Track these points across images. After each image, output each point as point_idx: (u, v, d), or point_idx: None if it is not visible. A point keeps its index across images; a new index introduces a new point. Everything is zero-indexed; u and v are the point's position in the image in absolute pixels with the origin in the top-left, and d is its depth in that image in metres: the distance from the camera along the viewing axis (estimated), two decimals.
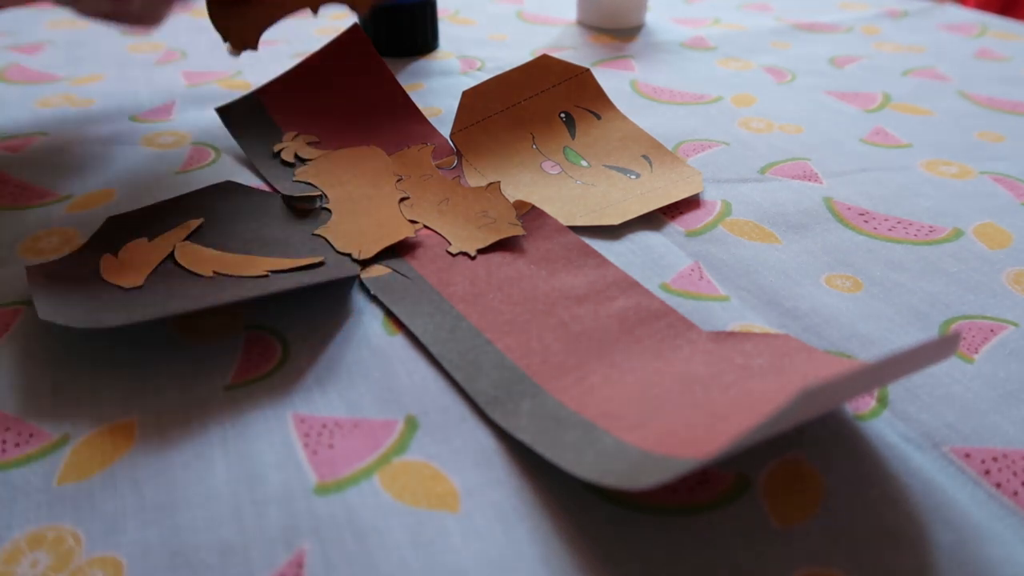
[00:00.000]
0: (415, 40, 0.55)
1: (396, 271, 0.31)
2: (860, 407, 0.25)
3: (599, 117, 0.42)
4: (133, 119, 0.45)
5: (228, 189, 0.35)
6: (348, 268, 0.31)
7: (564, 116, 0.42)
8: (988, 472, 0.23)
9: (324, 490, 0.22)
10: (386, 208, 0.35)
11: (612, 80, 0.51)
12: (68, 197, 0.37)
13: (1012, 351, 0.28)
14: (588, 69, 0.43)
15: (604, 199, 0.36)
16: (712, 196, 0.37)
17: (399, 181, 0.37)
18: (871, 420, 0.25)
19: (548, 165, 0.39)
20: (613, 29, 0.62)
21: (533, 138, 0.40)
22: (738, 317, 0.29)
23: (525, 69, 0.42)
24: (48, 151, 0.41)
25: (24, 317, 0.29)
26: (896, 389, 0.26)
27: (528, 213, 0.34)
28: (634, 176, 0.38)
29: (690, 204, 0.36)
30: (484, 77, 0.52)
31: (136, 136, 0.43)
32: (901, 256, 0.33)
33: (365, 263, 0.32)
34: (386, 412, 0.25)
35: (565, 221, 0.34)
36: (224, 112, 0.42)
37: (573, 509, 0.22)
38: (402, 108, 0.43)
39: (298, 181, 0.37)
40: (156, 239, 0.32)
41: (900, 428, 0.24)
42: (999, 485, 0.23)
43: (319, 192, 0.36)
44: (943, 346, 0.20)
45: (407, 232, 0.33)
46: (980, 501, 0.22)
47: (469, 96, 0.40)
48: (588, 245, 0.32)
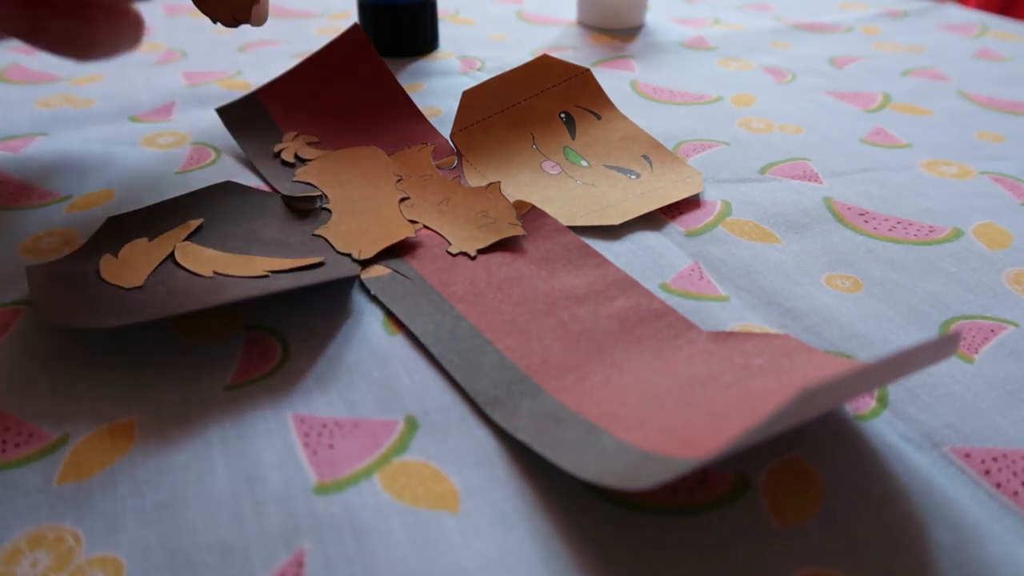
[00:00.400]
0: (415, 40, 0.55)
1: (396, 271, 0.31)
2: (860, 407, 0.25)
3: (599, 117, 0.42)
4: (133, 119, 0.45)
5: (228, 189, 0.35)
6: (348, 268, 0.31)
7: (564, 116, 0.42)
8: (988, 472, 0.23)
9: (324, 490, 0.22)
10: (386, 208, 0.35)
11: (612, 80, 0.51)
12: (68, 197, 0.37)
13: (1012, 351, 0.28)
14: (588, 69, 0.43)
15: (604, 199, 0.36)
16: (712, 196, 0.37)
17: (399, 181, 0.37)
18: (871, 420, 0.25)
19: (548, 165, 0.39)
20: (613, 29, 0.62)
21: (533, 138, 0.40)
22: (738, 317, 0.29)
23: (525, 69, 0.42)
24: (48, 151, 0.41)
25: (24, 317, 0.29)
26: (896, 389, 0.26)
27: (528, 213, 0.34)
28: (634, 176, 0.38)
29: (690, 204, 0.36)
30: (484, 77, 0.52)
31: (136, 136, 0.43)
32: (901, 256, 0.33)
33: (365, 263, 0.32)
34: (386, 412, 0.25)
35: (565, 221, 0.34)
36: (224, 112, 0.42)
37: (573, 509, 0.22)
38: (402, 108, 0.43)
39: (298, 181, 0.37)
40: (156, 239, 0.32)
41: (900, 428, 0.24)
42: (999, 485, 0.23)
43: (319, 192, 0.36)
44: (943, 346, 0.20)
45: (407, 232, 0.33)
46: (980, 501, 0.22)
47: (469, 96, 0.40)
48: (588, 245, 0.32)
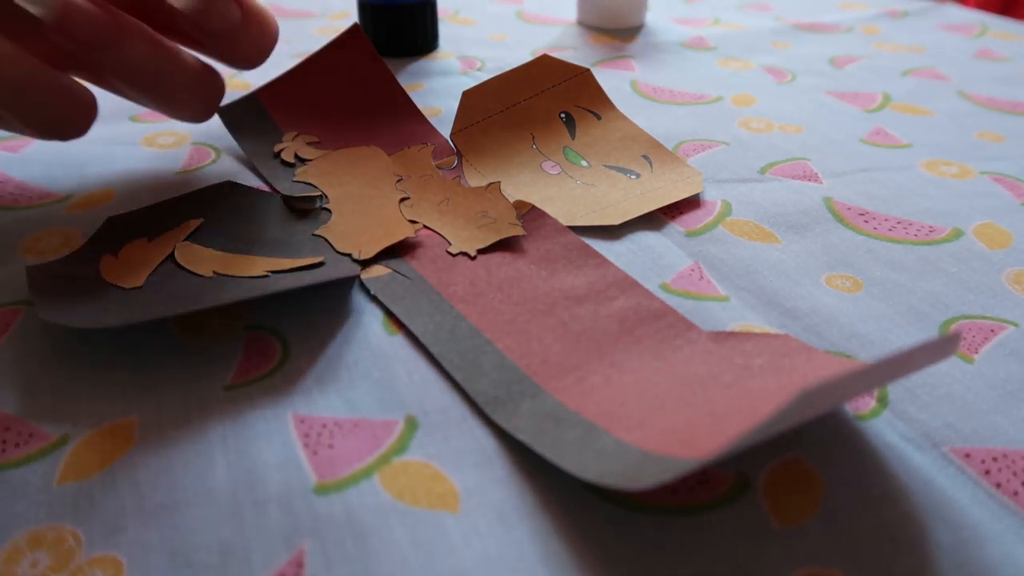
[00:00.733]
0: (415, 40, 0.55)
1: (396, 271, 0.31)
2: (860, 407, 0.25)
3: (599, 117, 0.42)
4: (133, 119, 0.45)
5: (228, 189, 0.35)
6: (348, 268, 0.31)
7: (564, 116, 0.42)
8: (988, 472, 0.23)
9: (324, 490, 0.22)
10: (386, 208, 0.35)
11: (612, 80, 0.51)
12: (68, 197, 0.37)
13: (1012, 351, 0.28)
14: (588, 69, 0.43)
15: (604, 199, 0.36)
16: (712, 196, 0.37)
17: (399, 181, 0.37)
18: (871, 420, 0.25)
19: (548, 165, 0.39)
20: (613, 29, 0.62)
21: (533, 138, 0.40)
22: (738, 317, 0.29)
23: (525, 69, 0.42)
24: (48, 151, 0.41)
25: (24, 317, 0.29)
26: (896, 389, 0.26)
27: (528, 213, 0.34)
28: (634, 176, 0.38)
29: (690, 204, 0.36)
30: (484, 77, 0.52)
31: (136, 136, 0.43)
32: (901, 256, 0.33)
33: (365, 263, 0.32)
34: (386, 412, 0.25)
35: (565, 221, 0.34)
36: (224, 112, 0.42)
37: (573, 509, 0.22)
38: (402, 108, 0.43)
39: (298, 181, 0.37)
40: (156, 239, 0.32)
41: (900, 428, 0.24)
42: (999, 485, 0.23)
43: (319, 192, 0.36)
44: (943, 346, 0.20)
45: (407, 232, 0.33)
46: (980, 501, 0.22)
47: (469, 96, 0.40)
48: (588, 245, 0.32)
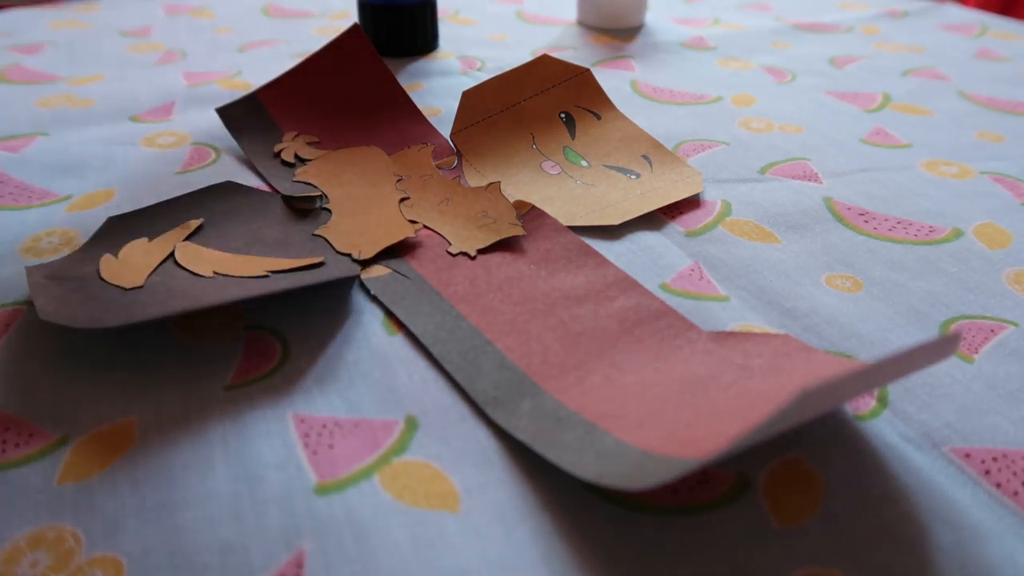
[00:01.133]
0: (415, 40, 0.55)
1: (396, 271, 0.31)
2: (860, 407, 0.25)
3: (599, 117, 0.42)
4: (133, 119, 0.45)
5: (228, 189, 0.35)
6: (348, 268, 0.31)
7: (564, 116, 0.42)
8: (988, 472, 0.23)
9: (324, 490, 0.22)
10: (386, 208, 0.35)
11: (612, 80, 0.51)
12: (68, 197, 0.37)
13: (1012, 351, 0.28)
14: (588, 69, 0.43)
15: (604, 199, 0.36)
16: (712, 196, 0.37)
17: (399, 181, 0.37)
18: (871, 420, 0.25)
19: (548, 165, 0.39)
20: (613, 29, 0.62)
21: (533, 138, 0.40)
22: (738, 317, 0.29)
23: (525, 69, 0.42)
24: (48, 151, 0.41)
25: (24, 317, 0.29)
26: (896, 389, 0.26)
27: (528, 213, 0.34)
28: (634, 176, 0.38)
29: (690, 204, 0.36)
30: (484, 77, 0.52)
31: (136, 136, 0.43)
32: (901, 256, 0.33)
33: (365, 263, 0.32)
34: (386, 412, 0.25)
35: (565, 221, 0.34)
36: (224, 112, 0.42)
37: (573, 509, 0.22)
38: (402, 108, 0.43)
39: (298, 181, 0.37)
40: (156, 239, 0.32)
41: (900, 428, 0.24)
42: (999, 485, 0.23)
43: (319, 192, 0.36)
44: (943, 346, 0.20)
45: (407, 232, 0.33)
46: (980, 501, 0.22)
47: (469, 96, 0.40)
48: (588, 245, 0.32)
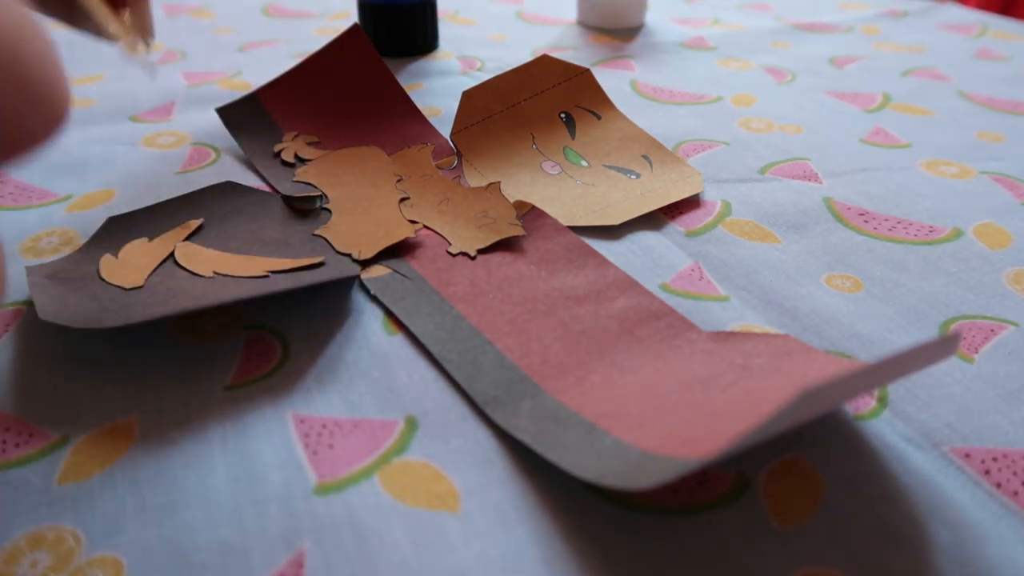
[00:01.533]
0: (415, 40, 0.55)
1: (396, 271, 0.31)
2: (860, 407, 0.25)
3: (599, 117, 0.42)
4: (133, 119, 0.45)
5: (228, 189, 0.35)
6: (348, 268, 0.31)
7: (564, 116, 0.42)
8: (988, 472, 0.23)
9: (324, 490, 0.22)
10: (386, 208, 0.35)
11: (612, 80, 0.51)
12: (68, 197, 0.37)
13: (1012, 351, 0.28)
14: (588, 69, 0.43)
15: (604, 199, 0.36)
16: (712, 196, 0.37)
17: (399, 181, 0.37)
18: (871, 420, 0.25)
19: (548, 165, 0.39)
20: (613, 29, 0.62)
21: (533, 138, 0.40)
22: (738, 317, 0.29)
23: (525, 69, 0.42)
24: (48, 151, 0.41)
25: (24, 317, 0.29)
26: (896, 389, 0.26)
27: (528, 213, 0.34)
28: (634, 176, 0.38)
29: (690, 204, 0.36)
30: (484, 77, 0.52)
31: (136, 136, 0.43)
32: (901, 256, 0.33)
33: (365, 263, 0.32)
34: (386, 412, 0.25)
35: (565, 221, 0.34)
36: (224, 112, 0.42)
37: (573, 509, 0.22)
38: (402, 108, 0.43)
39: (298, 181, 0.37)
40: (156, 239, 0.32)
41: (900, 428, 0.24)
42: (999, 485, 0.23)
43: (319, 192, 0.36)
44: (943, 346, 0.20)
45: (407, 232, 0.33)
46: (980, 501, 0.22)
47: (469, 96, 0.40)
48: (588, 245, 0.32)
